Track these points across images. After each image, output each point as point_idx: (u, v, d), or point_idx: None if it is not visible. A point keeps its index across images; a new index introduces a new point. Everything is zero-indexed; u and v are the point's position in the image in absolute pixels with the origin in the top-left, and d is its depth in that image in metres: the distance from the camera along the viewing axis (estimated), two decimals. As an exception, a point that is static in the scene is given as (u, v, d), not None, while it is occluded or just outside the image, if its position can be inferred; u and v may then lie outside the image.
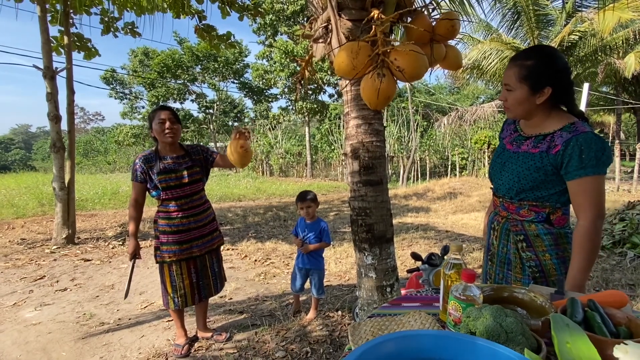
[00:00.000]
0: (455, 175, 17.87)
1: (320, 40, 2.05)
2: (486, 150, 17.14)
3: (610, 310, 0.93)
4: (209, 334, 2.68)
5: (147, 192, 2.42)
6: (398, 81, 1.77)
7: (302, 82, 2.49)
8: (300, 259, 2.97)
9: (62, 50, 5.59)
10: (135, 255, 2.40)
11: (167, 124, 2.30)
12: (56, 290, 3.68)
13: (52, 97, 5.25)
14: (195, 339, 2.67)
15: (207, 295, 2.55)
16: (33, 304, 3.34)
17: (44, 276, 4.09)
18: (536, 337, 0.84)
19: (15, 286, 3.79)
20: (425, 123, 21.64)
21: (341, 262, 4.49)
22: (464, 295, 0.94)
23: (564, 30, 9.46)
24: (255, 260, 4.63)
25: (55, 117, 5.27)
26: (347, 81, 1.98)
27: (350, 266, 4.31)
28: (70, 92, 5.51)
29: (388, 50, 1.70)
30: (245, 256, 4.86)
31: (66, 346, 2.61)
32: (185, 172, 2.36)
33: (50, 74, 5.21)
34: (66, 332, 2.82)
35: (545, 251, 1.36)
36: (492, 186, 1.54)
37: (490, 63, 10.63)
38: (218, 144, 25.19)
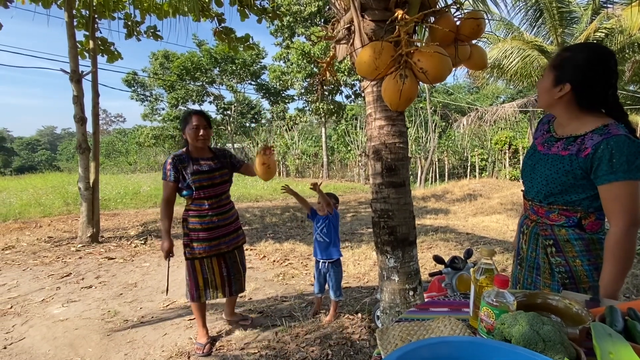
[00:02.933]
0: (475, 176, 17.55)
1: (343, 42, 2.04)
2: (507, 151, 16.77)
3: (652, 319, 0.89)
4: (236, 318, 2.91)
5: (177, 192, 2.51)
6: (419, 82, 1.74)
7: (323, 83, 2.48)
8: (317, 249, 2.99)
9: (87, 54, 5.76)
10: (169, 252, 2.49)
11: (201, 131, 2.44)
12: (82, 288, 3.78)
13: (78, 99, 5.41)
14: (216, 338, 2.71)
15: (237, 290, 2.71)
16: (60, 301, 3.45)
17: (70, 273, 4.21)
18: (575, 347, 0.81)
19: (44, 283, 3.92)
20: (444, 123, 21.34)
21: (360, 263, 4.47)
22: (497, 302, 0.92)
23: (590, 27, 9.18)
24: (274, 261, 4.65)
25: (81, 119, 5.43)
26: (369, 82, 1.97)
27: (369, 268, 4.28)
28: (95, 94, 5.67)
29: (411, 51, 1.68)
30: (264, 256, 4.89)
31: (92, 342, 2.68)
32: (217, 174, 2.51)
33: (76, 78, 5.37)
34: (92, 328, 2.90)
35: (576, 257, 1.31)
36: (522, 188, 1.50)
37: (512, 62, 10.39)
38: (235, 145, 25.48)
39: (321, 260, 2.96)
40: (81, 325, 2.96)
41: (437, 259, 2.45)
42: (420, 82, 1.75)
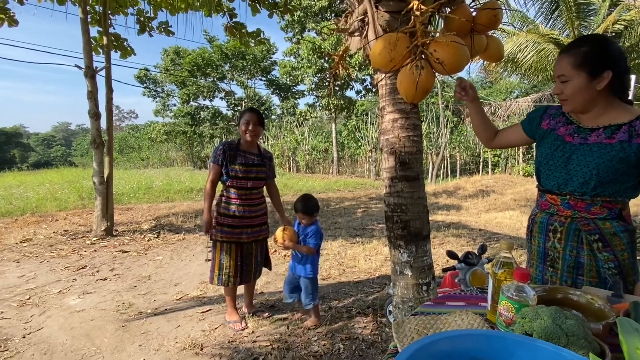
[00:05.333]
0: (487, 172, 17.32)
1: (356, 34, 2.02)
2: (520, 147, 16.50)
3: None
4: (254, 310, 3.02)
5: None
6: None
7: (336, 76, 2.46)
8: (291, 261, 2.80)
9: (101, 50, 5.82)
10: (208, 225, 2.69)
11: (250, 126, 2.63)
12: (97, 280, 3.85)
13: (92, 95, 5.48)
14: (244, 316, 2.90)
15: (246, 281, 2.82)
16: (76, 292, 3.51)
17: (86, 266, 4.29)
18: (599, 342, 0.79)
19: (60, 275, 4.00)
20: (456, 119, 21.08)
21: (370, 259, 4.45)
22: (517, 296, 0.90)
23: (608, 19, 8.94)
24: (285, 255, 4.67)
25: (95, 115, 5.51)
26: (383, 74, 1.94)
27: (380, 263, 4.26)
28: (109, 90, 5.73)
29: (427, 42, 1.65)
30: (275, 251, 4.90)
31: (107, 333, 2.73)
32: (254, 169, 2.67)
33: (91, 73, 5.44)
34: (107, 319, 2.95)
35: (624, 250, 1.27)
36: (540, 185, 1.45)
37: (526, 56, 10.18)
38: (246, 141, 25.56)
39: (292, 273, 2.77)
40: (97, 316, 3.01)
41: (451, 254, 2.42)
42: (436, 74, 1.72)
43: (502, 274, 1.01)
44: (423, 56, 1.65)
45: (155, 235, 5.69)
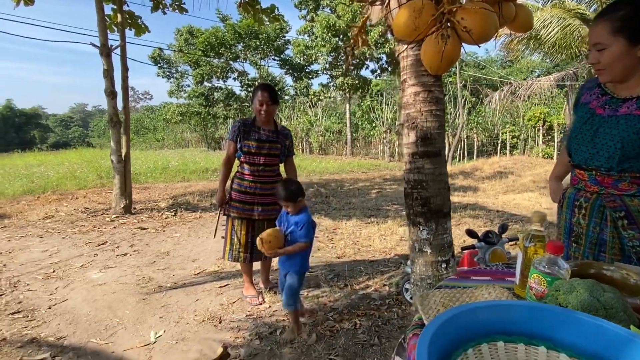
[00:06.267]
0: (505, 154, 16.95)
1: (377, 2, 1.93)
2: (541, 128, 16.04)
3: None
4: (271, 285, 3.04)
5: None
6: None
7: (354, 50, 2.39)
8: (280, 258, 2.38)
9: (115, 28, 5.80)
10: (221, 203, 2.74)
11: (264, 106, 2.59)
12: (117, 255, 3.95)
13: (108, 73, 5.50)
14: (260, 291, 2.93)
15: (257, 259, 2.82)
16: (98, 267, 3.61)
17: (106, 242, 4.40)
18: (638, 316, 0.75)
19: (82, 250, 4.12)
20: (474, 99, 20.54)
21: (386, 239, 4.44)
22: (549, 269, 0.86)
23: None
24: (300, 234, 4.69)
25: (111, 93, 5.54)
26: (405, 45, 1.87)
27: (395, 243, 4.25)
28: (124, 69, 5.73)
29: (454, 9, 1.57)
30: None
31: (129, 305, 2.81)
32: (267, 145, 2.65)
33: (106, 52, 5.44)
34: (128, 292, 3.03)
35: None
36: (570, 160, 1.39)
37: (550, 32, 9.75)
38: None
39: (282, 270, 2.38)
40: (118, 289, 3.10)
41: (470, 233, 2.38)
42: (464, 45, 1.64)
43: (533, 248, 0.97)
44: (449, 24, 1.58)
45: (173, 213, 5.78)
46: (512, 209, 6.19)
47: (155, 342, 2.32)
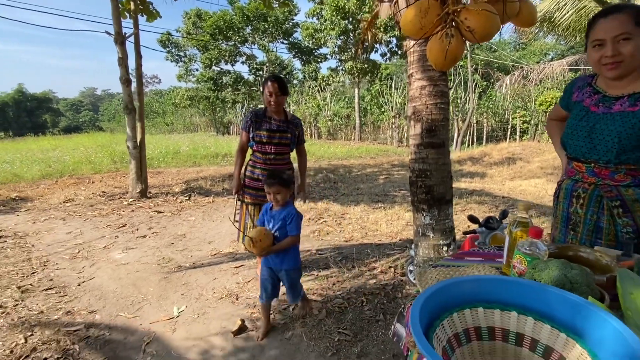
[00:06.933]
0: (515, 139, 16.83)
1: (386, 0, 2.03)
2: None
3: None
4: None
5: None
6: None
7: (364, 42, 2.49)
8: (269, 257, 2.24)
9: (128, 15, 5.89)
10: (237, 191, 2.87)
11: (274, 97, 2.67)
12: (137, 237, 4.17)
13: (123, 61, 5.63)
14: None
15: None
16: (120, 248, 3.84)
17: (125, 224, 4.63)
18: (600, 290, 0.90)
19: (104, 232, 4.35)
20: (485, 83, 20.23)
21: (392, 223, 4.59)
22: (530, 250, 1.00)
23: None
24: (309, 219, 4.87)
25: (126, 81, 5.69)
26: (413, 42, 1.97)
27: (402, 227, 4.40)
28: (138, 56, 5.87)
29: (458, 10, 1.66)
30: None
31: (152, 283, 3.03)
32: (277, 134, 2.76)
33: (120, 40, 5.56)
34: (150, 271, 3.25)
35: None
36: (567, 152, 1.49)
37: (564, 15, 9.56)
38: (268, 106, 25.56)
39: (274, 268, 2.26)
40: (141, 268, 3.32)
41: (472, 219, 2.52)
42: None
43: (518, 233, 1.11)
44: (453, 24, 1.67)
45: (187, 198, 6.00)
46: (518, 195, 6.28)
47: (178, 316, 2.53)
